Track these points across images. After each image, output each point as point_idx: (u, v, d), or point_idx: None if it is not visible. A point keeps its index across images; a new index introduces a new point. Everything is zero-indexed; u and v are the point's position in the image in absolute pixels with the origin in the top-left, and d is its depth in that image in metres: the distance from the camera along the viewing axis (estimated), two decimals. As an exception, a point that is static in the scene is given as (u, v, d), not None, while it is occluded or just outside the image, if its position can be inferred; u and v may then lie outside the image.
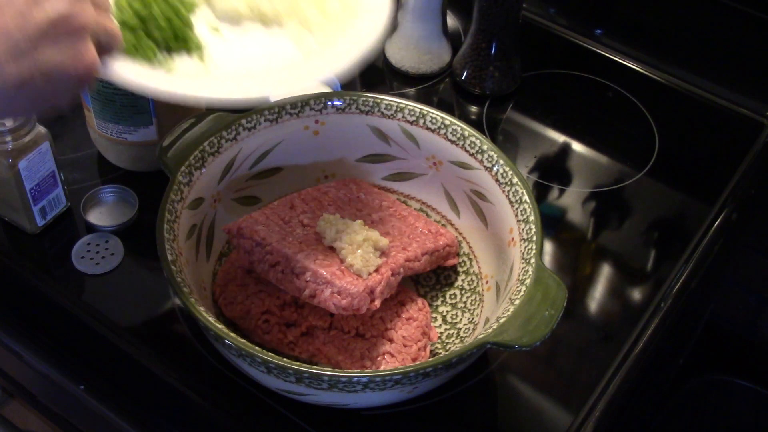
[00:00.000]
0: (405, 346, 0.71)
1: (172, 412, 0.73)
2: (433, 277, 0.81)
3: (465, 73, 1.03)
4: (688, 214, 0.94)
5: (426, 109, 0.80)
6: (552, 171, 0.96)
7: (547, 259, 0.86)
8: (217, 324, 0.64)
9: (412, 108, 0.80)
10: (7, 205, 0.81)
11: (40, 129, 0.78)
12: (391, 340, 0.72)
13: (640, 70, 1.09)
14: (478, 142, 0.77)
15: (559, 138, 1.00)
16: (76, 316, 0.78)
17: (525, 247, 0.71)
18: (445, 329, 0.77)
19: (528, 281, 0.67)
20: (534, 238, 0.71)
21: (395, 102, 0.80)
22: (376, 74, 1.05)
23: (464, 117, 1.01)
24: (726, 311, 1.09)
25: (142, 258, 0.82)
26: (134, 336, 0.76)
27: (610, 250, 0.88)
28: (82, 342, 0.76)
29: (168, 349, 0.75)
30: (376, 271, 0.70)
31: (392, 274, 0.71)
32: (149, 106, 0.82)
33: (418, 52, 1.03)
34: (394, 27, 1.03)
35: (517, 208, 0.74)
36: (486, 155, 0.77)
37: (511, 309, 0.65)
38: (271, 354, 0.63)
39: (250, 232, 0.71)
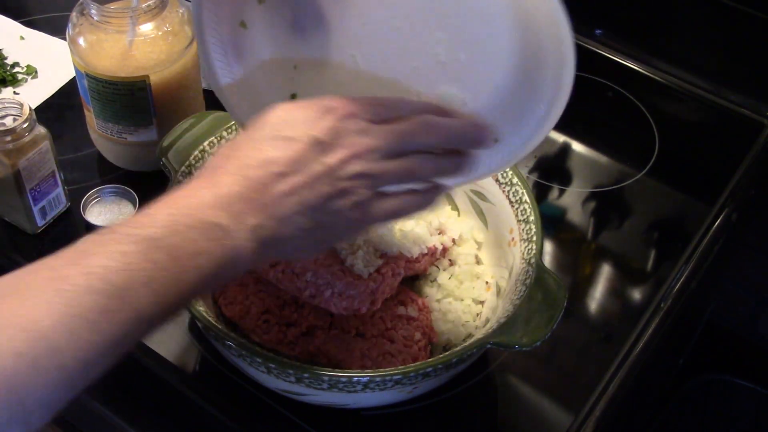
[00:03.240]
0: (405, 346, 0.71)
1: (172, 412, 0.73)
2: (433, 277, 0.81)
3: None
4: (688, 214, 0.94)
5: (426, 109, 0.79)
6: (552, 171, 0.96)
7: (547, 259, 0.86)
8: (217, 324, 0.64)
9: (412, 108, 0.79)
10: (7, 205, 0.81)
11: (40, 129, 0.78)
12: (391, 340, 0.72)
13: (640, 70, 1.09)
14: (478, 142, 0.77)
15: (559, 138, 1.00)
16: (76, 316, 0.77)
17: (525, 247, 0.71)
18: (445, 329, 0.77)
19: (528, 281, 0.67)
20: (534, 238, 0.71)
21: (395, 102, 0.80)
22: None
23: (464, 117, 1.01)
24: (726, 311, 1.09)
25: (142, 258, 0.82)
26: (134, 336, 0.76)
27: (610, 250, 0.88)
28: (82, 342, 0.76)
29: (168, 349, 0.75)
30: (377, 271, 0.70)
31: (393, 275, 0.71)
32: (149, 107, 0.82)
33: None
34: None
35: (517, 208, 0.74)
36: (486, 155, 0.77)
37: (511, 309, 0.65)
38: (271, 354, 0.63)
39: (250, 232, 0.71)
